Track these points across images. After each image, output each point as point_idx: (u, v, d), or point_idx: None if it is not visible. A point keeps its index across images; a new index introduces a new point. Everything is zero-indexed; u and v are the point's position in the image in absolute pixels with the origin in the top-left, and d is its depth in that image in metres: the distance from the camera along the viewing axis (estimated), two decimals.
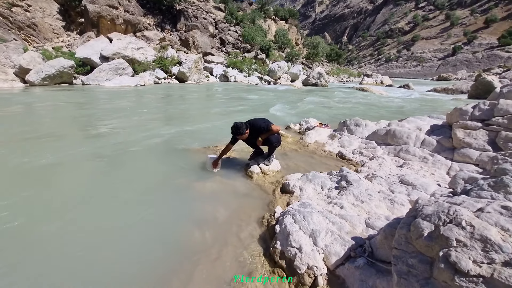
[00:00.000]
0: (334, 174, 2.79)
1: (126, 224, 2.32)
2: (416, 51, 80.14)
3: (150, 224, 2.33)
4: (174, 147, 4.46)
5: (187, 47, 24.64)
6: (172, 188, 3.04)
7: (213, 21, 31.82)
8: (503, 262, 1.00)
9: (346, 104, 11.26)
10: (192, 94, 12.29)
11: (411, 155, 3.36)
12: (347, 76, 40.83)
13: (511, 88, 3.48)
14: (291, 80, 22.90)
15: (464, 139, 3.09)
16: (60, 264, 1.84)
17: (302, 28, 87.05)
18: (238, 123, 3.17)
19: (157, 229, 2.27)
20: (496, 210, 1.15)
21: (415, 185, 2.43)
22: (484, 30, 71.55)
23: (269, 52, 30.88)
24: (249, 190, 3.02)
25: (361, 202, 2.20)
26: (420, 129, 3.83)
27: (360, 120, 4.62)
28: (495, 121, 2.98)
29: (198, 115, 7.52)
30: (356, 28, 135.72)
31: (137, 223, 2.34)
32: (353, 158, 3.72)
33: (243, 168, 3.59)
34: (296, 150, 4.30)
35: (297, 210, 2.01)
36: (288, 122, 6.52)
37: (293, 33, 44.30)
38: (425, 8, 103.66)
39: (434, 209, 1.29)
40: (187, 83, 17.23)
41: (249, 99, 11.26)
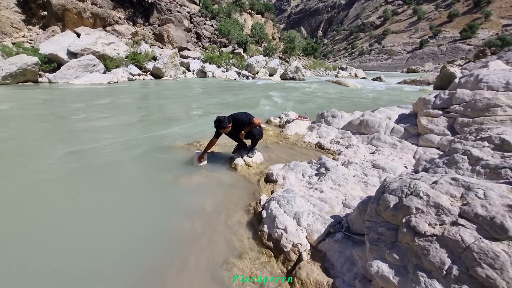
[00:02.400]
0: (314, 162, 3.00)
1: (116, 220, 2.37)
2: (387, 45, 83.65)
3: (141, 219, 2.39)
4: (157, 144, 4.46)
5: (161, 42, 23.87)
6: (159, 184, 3.09)
7: (187, 15, 31.01)
8: (451, 222, 1.22)
9: (323, 96, 11.65)
10: (170, 91, 12.07)
11: (382, 142, 3.67)
12: (323, 70, 41.82)
13: (468, 79, 3.87)
14: (269, 75, 23.08)
15: (427, 126, 3.43)
16: (57, 256, 1.87)
17: (278, 22, 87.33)
18: (221, 117, 3.27)
19: (148, 223, 2.34)
20: (447, 182, 1.38)
21: (385, 168, 2.70)
22: (447, 24, 76.20)
23: (247, 46, 30.76)
24: (234, 181, 3.15)
25: (339, 185, 2.42)
26: (390, 118, 4.17)
27: (336, 112, 4.89)
28: (453, 108, 3.33)
29: (178, 111, 7.46)
30: (330, 22, 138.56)
31: (128, 218, 2.40)
32: (331, 147, 3.97)
33: (228, 161, 3.70)
34: (277, 143, 4.48)
35: (281, 196, 2.17)
36: (269, 115, 6.68)
37: (269, 27, 44.35)
38: (394, 3, 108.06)
39: (399, 185, 1.50)
40: (164, 79, 16.80)
41: (229, 94, 11.28)
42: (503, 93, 3.09)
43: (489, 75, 3.38)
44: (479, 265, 1.06)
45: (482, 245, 1.09)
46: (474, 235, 1.13)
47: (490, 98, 3.06)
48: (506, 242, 1.07)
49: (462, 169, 1.60)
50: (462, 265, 1.11)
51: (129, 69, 16.46)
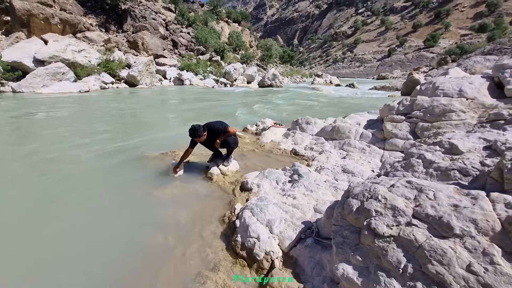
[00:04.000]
0: (287, 169, 3.07)
1: (84, 236, 2.26)
2: (358, 53, 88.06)
3: (111, 235, 2.30)
4: (130, 155, 4.32)
5: (136, 49, 23.33)
6: (132, 196, 3.00)
7: (163, 22, 30.67)
8: (406, 223, 1.31)
9: (300, 103, 11.96)
10: (145, 99, 11.78)
11: (352, 147, 3.84)
12: (300, 77, 42.97)
13: (427, 86, 4.18)
14: (247, 82, 23.29)
15: (392, 131, 3.66)
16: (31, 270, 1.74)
17: (255, 31, 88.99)
18: (196, 126, 3.26)
19: (119, 238, 2.25)
20: (403, 185, 1.49)
21: (354, 173, 2.83)
22: (412, 34, 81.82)
23: (224, 54, 30.93)
24: (209, 191, 3.13)
25: (311, 191, 2.49)
26: (359, 124, 4.38)
27: (310, 119, 5.05)
28: (414, 114, 3.59)
29: (154, 120, 7.29)
30: (305, 31, 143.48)
31: (97, 234, 2.30)
32: (305, 153, 4.08)
33: (203, 170, 3.67)
34: (254, 150, 4.53)
35: (255, 204, 2.20)
36: (246, 123, 6.73)
37: (246, 36, 44.99)
38: (364, 14, 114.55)
39: (361, 189, 1.59)
40: (139, 87, 16.36)
41: (207, 102, 11.23)
42: (457, 99, 3.38)
43: (445, 83, 3.68)
44: (429, 262, 1.15)
45: (432, 243, 1.18)
46: (425, 234, 1.23)
47: (445, 104, 3.34)
48: (452, 239, 1.17)
49: (418, 172, 1.73)
50: (416, 263, 1.20)
51: (102, 77, 15.85)
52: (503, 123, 2.23)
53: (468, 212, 1.19)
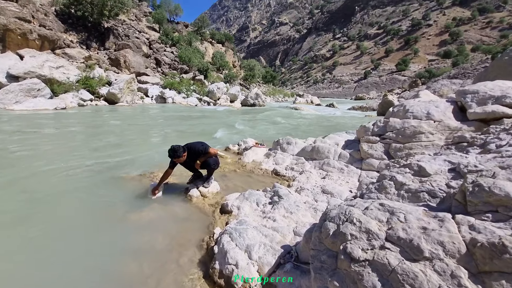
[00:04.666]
0: (268, 190, 3.07)
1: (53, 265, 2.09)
2: (337, 75, 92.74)
3: (82, 262, 2.14)
4: (105, 176, 4.14)
5: (117, 67, 23.10)
6: (106, 221, 2.84)
7: (146, 41, 30.85)
8: (379, 246, 1.34)
9: (281, 122, 12.20)
10: (125, 117, 11.52)
11: (332, 167, 3.93)
12: (282, 96, 44.17)
13: (399, 109, 4.45)
14: (230, 101, 23.56)
15: (368, 151, 3.80)
16: None
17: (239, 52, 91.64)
18: (175, 146, 3.21)
19: (90, 266, 2.10)
20: (376, 207, 1.53)
21: (333, 193, 2.88)
22: (385, 58, 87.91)
23: (208, 73, 31.35)
24: (188, 214, 3.04)
25: (291, 213, 2.49)
26: (338, 144, 4.53)
27: (291, 139, 5.15)
28: (387, 135, 3.77)
29: (132, 139, 7.10)
30: (286, 53, 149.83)
31: (67, 262, 2.13)
32: (286, 174, 4.11)
33: (183, 192, 3.58)
34: (235, 171, 4.50)
35: (233, 229, 2.16)
36: (228, 143, 6.73)
37: (230, 56, 46.15)
38: (341, 39, 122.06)
39: (337, 212, 1.62)
40: (119, 105, 16.03)
41: (189, 121, 11.17)
42: (426, 121, 3.62)
43: (414, 106, 3.94)
44: (402, 286, 1.17)
45: (404, 266, 1.21)
46: (398, 257, 1.26)
47: (415, 126, 3.55)
48: (423, 262, 1.20)
49: (390, 194, 1.80)
50: (390, 287, 1.21)
51: (80, 94, 15.41)
52: (466, 145, 2.40)
53: (436, 234, 1.24)
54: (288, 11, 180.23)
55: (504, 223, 1.19)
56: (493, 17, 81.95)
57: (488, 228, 1.17)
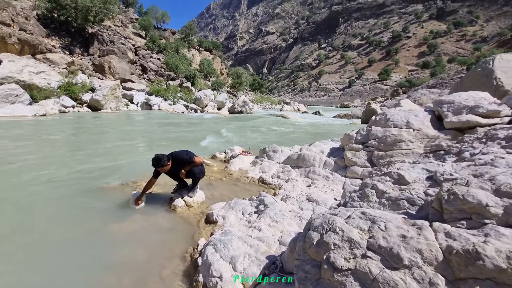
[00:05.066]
0: (254, 199, 3.05)
1: (26, 280, 1.96)
2: (323, 83, 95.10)
3: (58, 277, 2.03)
4: (85, 185, 3.99)
5: (101, 73, 22.61)
6: (85, 232, 2.72)
7: (132, 47, 30.48)
8: (361, 255, 1.35)
9: (269, 130, 12.27)
10: (109, 124, 11.22)
11: (317, 175, 3.98)
12: (269, 104, 44.59)
13: (381, 117, 4.59)
14: (217, 108, 23.52)
15: (352, 159, 3.89)
16: None
17: (226, 59, 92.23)
18: (159, 155, 3.15)
19: (64, 282, 2.00)
20: (358, 216, 1.56)
21: (318, 201, 2.91)
22: (368, 68, 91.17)
23: (195, 80, 31.24)
24: (172, 225, 2.96)
25: (276, 222, 2.48)
26: (323, 152, 4.60)
27: (277, 147, 5.18)
28: (370, 143, 3.88)
29: (115, 147, 6.90)
30: (274, 61, 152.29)
31: (42, 277, 2.01)
32: (272, 182, 4.12)
33: (167, 202, 3.50)
34: (221, 179, 4.46)
35: (218, 240, 2.12)
36: (215, 150, 6.68)
37: (217, 63, 46.30)
38: (326, 49, 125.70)
39: (321, 221, 1.63)
40: (102, 112, 15.62)
41: (175, 128, 11.02)
42: (405, 130, 3.75)
43: (394, 115, 4.08)
44: None
45: (385, 275, 1.23)
46: (379, 266, 1.28)
47: (396, 134, 3.68)
48: (403, 270, 1.23)
49: (372, 202, 1.83)
50: None
51: (62, 101, 14.91)
52: (443, 153, 2.51)
53: (415, 242, 1.27)
54: (275, 21, 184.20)
55: (478, 230, 1.24)
56: (467, 30, 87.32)
57: (463, 235, 1.21)
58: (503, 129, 2.38)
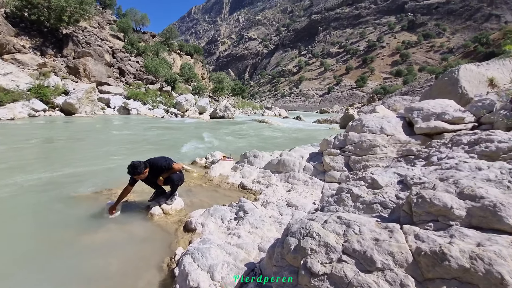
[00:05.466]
0: (234, 205, 3.02)
1: None
2: (303, 89, 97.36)
3: None
4: (57, 194, 3.76)
5: (76, 75, 21.61)
6: (53, 245, 2.56)
7: (110, 50, 29.46)
8: (337, 259, 1.38)
9: (249, 135, 12.30)
10: (83, 128, 10.71)
11: (297, 179, 4.03)
12: (251, 109, 44.74)
13: (357, 123, 4.75)
14: (199, 113, 23.23)
15: (330, 163, 3.98)
16: None
17: (208, 64, 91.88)
18: (136, 162, 3.04)
19: None
20: (334, 220, 1.59)
21: (297, 206, 2.94)
22: (346, 75, 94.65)
23: (175, 84, 30.70)
24: (149, 234, 2.86)
25: (256, 228, 2.47)
26: (303, 157, 4.67)
27: (257, 152, 5.20)
28: (347, 148, 4.00)
29: (90, 154, 6.57)
30: (255, 67, 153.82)
31: None
32: (253, 187, 4.11)
33: (144, 210, 3.38)
34: (201, 185, 4.38)
35: (196, 248, 2.07)
36: (195, 156, 6.56)
37: (199, 68, 45.91)
38: (306, 55, 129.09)
39: (298, 226, 1.64)
40: (76, 116, 14.88)
41: (154, 133, 10.72)
42: (380, 135, 3.91)
43: (369, 121, 4.25)
44: None
45: (359, 278, 1.26)
46: (353, 269, 1.31)
47: (371, 139, 3.83)
48: (376, 273, 1.26)
49: (348, 206, 1.88)
50: None
51: (32, 104, 14.00)
52: (413, 157, 2.64)
53: (387, 245, 1.31)
54: (257, 27, 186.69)
55: (444, 231, 1.31)
56: (435, 42, 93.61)
57: (431, 237, 1.27)
58: (466, 134, 2.55)
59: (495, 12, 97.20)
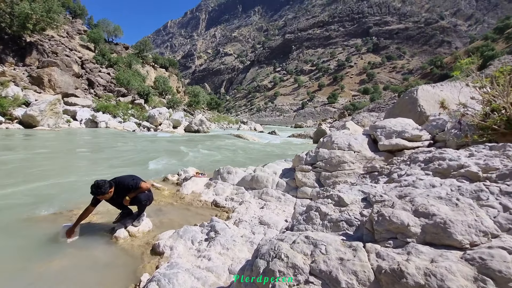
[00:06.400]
0: (205, 225, 2.94)
1: None
2: (278, 104, 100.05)
3: None
4: (9, 216, 3.41)
5: (40, 86, 20.28)
6: (2, 275, 2.28)
7: (79, 60, 28.18)
8: (304, 281, 1.39)
9: (224, 150, 12.21)
10: (44, 143, 9.92)
11: (270, 196, 4.05)
12: (227, 123, 44.74)
13: (327, 139, 4.95)
14: (173, 127, 22.72)
15: (302, 180, 4.07)
16: None
17: (183, 77, 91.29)
18: (100, 181, 2.86)
19: None
20: (302, 240, 1.61)
21: (270, 224, 2.94)
22: (318, 91, 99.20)
23: (149, 97, 29.93)
24: (112, 259, 2.66)
25: (227, 249, 2.42)
26: (276, 173, 4.73)
27: (231, 168, 5.16)
28: (318, 164, 4.14)
29: (49, 171, 6.07)
30: (231, 81, 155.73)
31: None
32: (226, 205, 4.05)
33: (108, 233, 3.15)
34: (172, 204, 4.23)
35: (163, 274, 1.97)
36: (167, 172, 6.34)
37: (174, 81, 45.37)
38: (281, 72, 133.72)
39: (268, 248, 1.64)
40: (38, 129, 13.80)
41: (122, 147, 10.24)
42: (348, 152, 4.11)
43: (338, 138, 4.45)
44: None
45: None
46: None
47: (340, 156, 4.00)
48: None
49: (316, 224, 1.92)
50: None
51: None
52: (377, 174, 2.80)
53: (351, 264, 1.35)
54: (233, 43, 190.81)
55: (402, 249, 1.38)
56: (397, 63, 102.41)
57: (390, 255, 1.34)
58: (423, 152, 2.77)
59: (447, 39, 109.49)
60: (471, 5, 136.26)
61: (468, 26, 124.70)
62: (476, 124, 3.05)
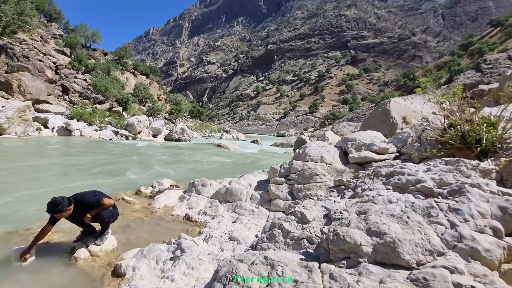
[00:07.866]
0: (172, 243, 2.84)
1: None
2: (261, 113, 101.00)
3: None
4: None
5: (8, 92, 19.11)
6: None
7: (52, 65, 26.96)
8: None
9: (204, 160, 12.04)
10: (8, 153, 9.27)
11: (243, 209, 4.01)
12: (209, 132, 44.29)
13: (302, 151, 5.02)
14: (153, 135, 22.13)
15: (275, 192, 4.08)
16: None
17: (165, 85, 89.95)
18: (58, 198, 2.69)
19: None
20: (261, 261, 1.59)
21: (239, 240, 2.89)
22: (300, 101, 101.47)
23: (128, 105, 29.04)
24: (69, 282, 2.50)
25: (192, 269, 2.34)
26: (251, 185, 4.71)
27: (206, 180, 5.08)
28: (291, 177, 4.18)
29: (9, 184, 5.64)
30: (214, 90, 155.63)
31: None
32: (198, 219, 3.96)
33: (67, 253, 2.96)
34: (142, 219, 4.06)
35: None
36: (140, 184, 6.12)
37: (155, 89, 44.48)
38: (263, 81, 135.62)
39: (226, 270, 1.60)
40: (4, 137, 12.87)
41: (96, 157, 9.79)
42: (320, 164, 4.18)
43: (311, 150, 4.53)
44: None
45: None
46: None
47: (312, 168, 4.06)
48: None
49: (279, 242, 1.92)
50: None
51: None
52: (343, 188, 2.87)
53: (304, 287, 1.35)
54: (216, 52, 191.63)
55: (354, 269, 1.41)
56: (374, 75, 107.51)
57: (342, 276, 1.35)
58: (385, 166, 2.88)
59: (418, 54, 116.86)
60: (439, 23, 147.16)
61: (437, 42, 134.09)
62: (435, 139, 3.23)
